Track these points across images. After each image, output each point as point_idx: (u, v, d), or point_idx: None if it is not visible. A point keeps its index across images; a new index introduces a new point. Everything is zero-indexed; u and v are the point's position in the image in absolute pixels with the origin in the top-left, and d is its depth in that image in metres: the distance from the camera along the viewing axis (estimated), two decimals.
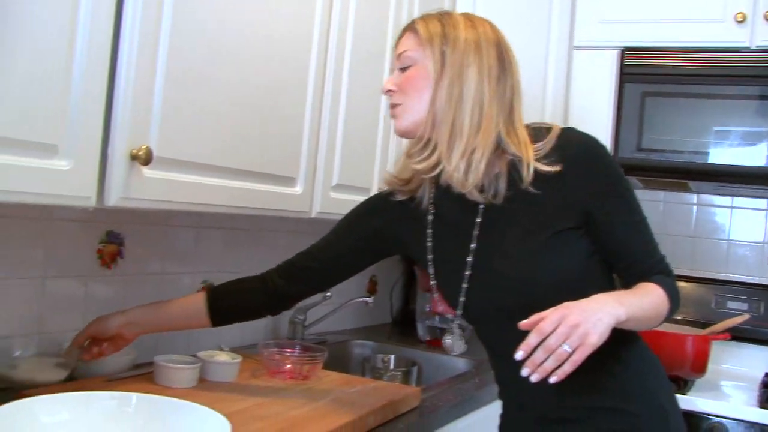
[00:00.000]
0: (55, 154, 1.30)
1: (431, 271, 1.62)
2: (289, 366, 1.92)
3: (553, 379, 1.24)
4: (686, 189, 3.11)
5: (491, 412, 1.90)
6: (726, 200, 3.17)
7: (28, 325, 1.77)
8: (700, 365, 2.56)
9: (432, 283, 1.63)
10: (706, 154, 2.75)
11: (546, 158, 1.46)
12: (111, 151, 1.41)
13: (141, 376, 1.77)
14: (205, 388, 1.75)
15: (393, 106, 1.53)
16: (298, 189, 1.98)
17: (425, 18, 1.53)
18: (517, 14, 2.91)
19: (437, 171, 1.49)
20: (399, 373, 2.55)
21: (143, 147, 1.44)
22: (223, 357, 1.87)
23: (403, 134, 1.54)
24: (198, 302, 1.72)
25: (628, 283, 1.49)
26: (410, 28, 1.53)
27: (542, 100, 2.93)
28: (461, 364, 2.68)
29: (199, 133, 1.62)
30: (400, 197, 1.64)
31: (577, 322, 1.24)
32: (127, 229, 1.99)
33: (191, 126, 1.59)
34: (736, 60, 2.74)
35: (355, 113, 2.18)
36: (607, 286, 1.49)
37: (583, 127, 2.83)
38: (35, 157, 1.27)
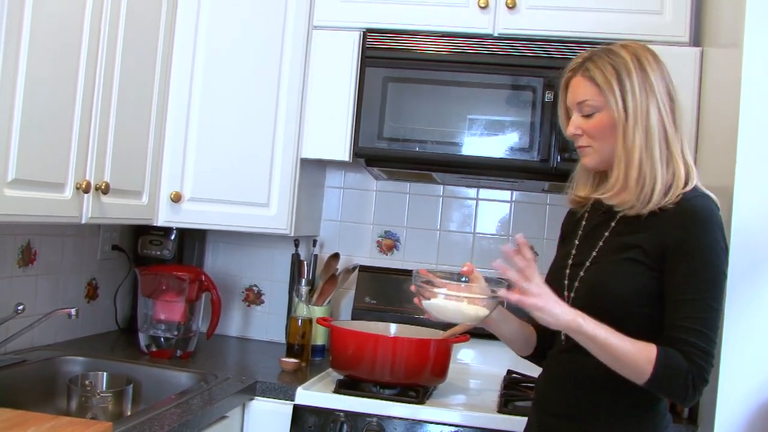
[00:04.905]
0: None
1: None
2: None
3: None
4: (432, 180, 2.98)
5: None
6: (472, 192, 3.08)
7: None
8: (441, 370, 2.42)
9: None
10: (453, 144, 2.62)
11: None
12: None
13: None
14: None
15: (581, 147, 1.74)
16: None
17: (596, 61, 1.68)
18: None
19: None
20: (110, 394, 2.23)
21: None
22: None
23: (592, 170, 1.77)
24: None
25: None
26: (584, 73, 1.69)
27: (277, 83, 2.68)
28: (185, 380, 2.39)
29: None
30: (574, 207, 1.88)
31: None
32: None
33: None
34: (481, 47, 2.64)
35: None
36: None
37: (321, 114, 2.70)
38: None
